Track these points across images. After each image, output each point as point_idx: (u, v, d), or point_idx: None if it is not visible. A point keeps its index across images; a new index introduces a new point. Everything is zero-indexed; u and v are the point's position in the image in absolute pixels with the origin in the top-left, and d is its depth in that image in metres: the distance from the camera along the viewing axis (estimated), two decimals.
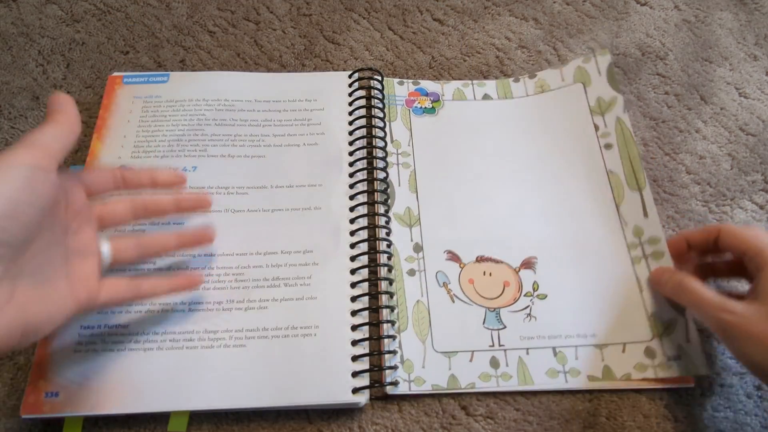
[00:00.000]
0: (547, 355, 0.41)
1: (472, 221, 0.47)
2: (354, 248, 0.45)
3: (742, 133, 0.53)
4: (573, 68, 0.54)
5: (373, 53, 0.57)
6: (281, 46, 0.58)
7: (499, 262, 0.45)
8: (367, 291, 0.43)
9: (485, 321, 0.43)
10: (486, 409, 0.40)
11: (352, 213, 0.46)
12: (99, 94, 0.54)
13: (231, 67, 0.56)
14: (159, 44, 0.57)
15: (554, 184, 0.49)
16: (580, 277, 0.44)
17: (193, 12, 0.60)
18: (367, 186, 0.47)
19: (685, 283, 0.38)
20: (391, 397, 0.41)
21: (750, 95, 0.55)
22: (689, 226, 0.48)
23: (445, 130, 0.52)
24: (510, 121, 0.52)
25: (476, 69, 0.57)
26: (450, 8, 0.61)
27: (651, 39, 0.59)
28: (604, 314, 0.43)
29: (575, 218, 0.47)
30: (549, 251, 0.46)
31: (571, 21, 0.60)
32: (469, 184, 0.49)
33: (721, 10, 0.61)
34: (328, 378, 0.39)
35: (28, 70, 0.55)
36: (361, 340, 0.41)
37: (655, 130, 0.53)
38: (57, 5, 0.59)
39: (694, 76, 0.57)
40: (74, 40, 0.57)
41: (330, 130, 0.50)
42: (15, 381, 0.41)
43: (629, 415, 0.40)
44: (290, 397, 0.39)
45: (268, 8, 0.60)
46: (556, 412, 0.40)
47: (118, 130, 0.49)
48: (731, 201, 0.50)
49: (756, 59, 0.58)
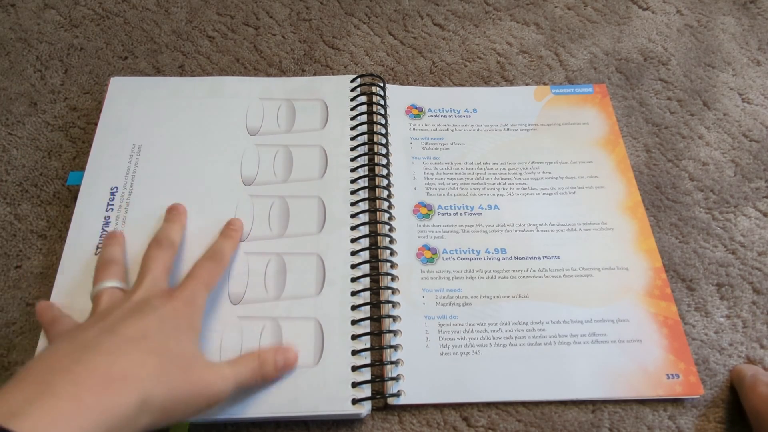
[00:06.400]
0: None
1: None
2: (355, 256, 0.44)
3: (746, 140, 0.53)
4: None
5: (373, 58, 0.57)
6: (281, 51, 0.57)
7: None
8: (368, 300, 0.43)
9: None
10: (488, 420, 0.40)
11: (353, 220, 0.46)
12: (97, 100, 0.53)
13: (230, 72, 0.55)
14: (158, 49, 0.57)
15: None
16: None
17: (192, 17, 0.59)
18: (368, 193, 0.47)
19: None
20: (391, 408, 0.40)
21: (753, 101, 0.55)
22: (692, 233, 0.48)
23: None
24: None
25: (477, 74, 0.56)
26: (451, 13, 0.61)
27: (653, 44, 0.59)
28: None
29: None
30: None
31: (573, 26, 0.60)
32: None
33: (724, 15, 0.61)
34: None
35: (26, 76, 0.55)
36: (362, 350, 0.40)
37: (658, 136, 0.53)
38: (55, 10, 0.59)
39: (697, 81, 0.56)
40: (72, 46, 0.57)
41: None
42: None
43: (633, 427, 0.40)
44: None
45: (268, 13, 0.60)
46: (559, 424, 0.40)
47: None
48: (735, 208, 0.49)
49: (759, 64, 0.57)
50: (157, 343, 0.30)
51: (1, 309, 0.43)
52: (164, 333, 0.31)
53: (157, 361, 0.29)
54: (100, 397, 0.26)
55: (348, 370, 0.40)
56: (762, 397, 0.38)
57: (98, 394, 0.26)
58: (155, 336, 0.31)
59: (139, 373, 0.28)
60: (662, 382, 0.40)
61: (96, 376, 0.26)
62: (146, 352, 0.29)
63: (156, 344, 0.30)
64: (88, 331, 0.30)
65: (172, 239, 0.41)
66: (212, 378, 0.33)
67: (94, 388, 0.26)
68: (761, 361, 0.42)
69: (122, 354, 0.28)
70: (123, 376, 0.27)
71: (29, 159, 0.50)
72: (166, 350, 0.30)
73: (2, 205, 0.47)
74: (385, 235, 0.46)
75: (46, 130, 0.51)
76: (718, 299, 0.45)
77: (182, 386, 0.30)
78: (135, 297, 0.34)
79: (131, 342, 0.29)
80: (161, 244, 0.40)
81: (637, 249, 0.46)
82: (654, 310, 0.43)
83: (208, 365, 0.33)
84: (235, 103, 0.52)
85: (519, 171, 0.50)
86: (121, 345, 0.29)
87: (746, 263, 0.46)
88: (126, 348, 0.29)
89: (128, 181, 0.47)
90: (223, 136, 0.50)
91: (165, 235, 0.41)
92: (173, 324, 0.33)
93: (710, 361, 0.42)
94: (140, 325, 0.31)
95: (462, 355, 0.41)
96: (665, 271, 0.45)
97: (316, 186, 0.47)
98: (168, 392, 0.29)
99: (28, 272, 0.44)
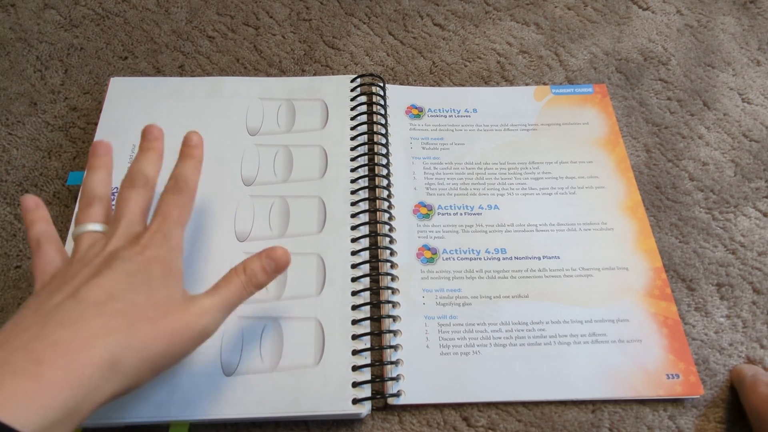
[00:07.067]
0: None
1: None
2: (355, 256, 0.44)
3: (746, 139, 0.53)
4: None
5: (373, 58, 0.57)
6: (281, 51, 0.57)
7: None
8: (368, 300, 0.43)
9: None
10: (488, 420, 0.40)
11: (353, 220, 0.46)
12: (97, 100, 0.53)
13: (230, 72, 0.55)
14: (158, 49, 0.57)
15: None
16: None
17: (192, 17, 0.59)
18: (368, 193, 0.47)
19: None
20: (391, 408, 0.40)
21: (753, 101, 0.55)
22: (692, 233, 0.48)
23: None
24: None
25: (477, 74, 0.56)
26: (451, 13, 0.61)
27: (653, 44, 0.59)
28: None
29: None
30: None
31: (573, 26, 0.60)
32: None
33: (724, 15, 0.61)
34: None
35: (26, 76, 0.55)
36: (362, 350, 0.40)
37: (658, 136, 0.53)
38: (55, 10, 0.59)
39: (697, 81, 0.56)
40: (72, 46, 0.57)
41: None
42: None
43: (633, 427, 0.40)
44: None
45: (268, 13, 0.60)
46: (559, 424, 0.40)
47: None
48: (735, 208, 0.49)
49: (759, 64, 0.57)
50: (125, 302, 0.29)
51: (1, 309, 0.43)
52: (133, 288, 0.30)
53: (123, 322, 0.28)
54: (62, 371, 0.25)
55: (348, 370, 0.40)
56: (762, 397, 0.38)
57: (61, 368, 0.25)
58: (122, 294, 0.30)
59: (104, 341, 0.27)
60: (662, 382, 0.40)
61: (57, 350, 0.26)
62: (111, 315, 0.28)
63: (123, 303, 0.29)
64: (53, 296, 0.29)
65: (145, 174, 0.36)
66: (190, 318, 0.31)
67: (55, 362, 0.25)
68: (761, 361, 0.42)
69: (85, 322, 0.28)
70: (85, 346, 0.27)
71: (29, 159, 0.50)
72: (134, 307, 0.29)
73: (2, 205, 0.47)
74: (385, 235, 0.46)
75: (46, 130, 0.51)
76: (718, 299, 0.45)
77: (155, 340, 0.29)
78: (108, 248, 0.33)
79: (95, 306, 0.29)
80: (134, 183, 0.36)
81: (637, 249, 0.46)
82: (654, 310, 0.43)
83: (183, 306, 0.31)
84: (235, 103, 0.52)
85: (519, 171, 0.50)
86: (84, 312, 0.28)
87: (746, 263, 0.46)
88: (89, 314, 0.28)
89: None
90: (223, 136, 0.50)
91: (137, 170, 0.36)
92: (144, 275, 0.31)
93: (710, 361, 0.42)
94: (107, 285, 0.30)
95: (462, 355, 0.41)
96: (665, 271, 0.45)
97: (316, 186, 0.47)
98: (140, 351, 0.28)
99: (28, 272, 0.44)
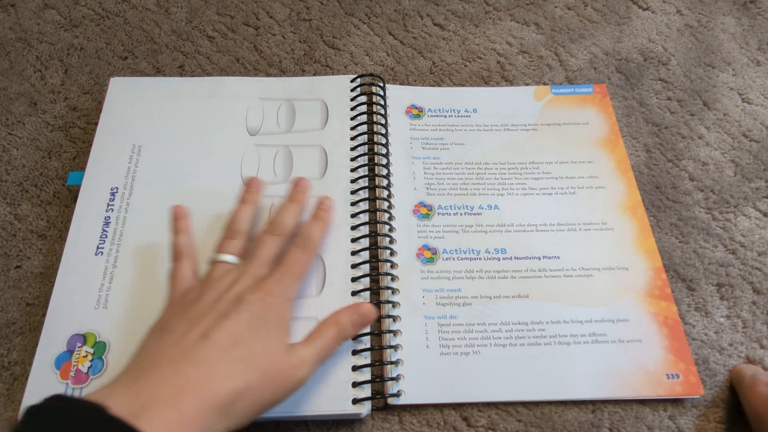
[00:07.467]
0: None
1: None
2: (355, 256, 0.44)
3: (746, 140, 0.53)
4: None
5: (373, 58, 0.57)
6: (281, 51, 0.57)
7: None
8: (368, 300, 0.43)
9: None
10: (488, 420, 0.40)
11: (353, 220, 0.46)
12: (97, 100, 0.53)
13: (230, 72, 0.55)
14: (158, 49, 0.57)
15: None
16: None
17: (192, 17, 0.59)
18: (368, 193, 0.47)
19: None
20: (391, 408, 0.40)
21: (753, 101, 0.55)
22: (692, 233, 0.48)
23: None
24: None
25: (477, 74, 0.56)
26: (451, 13, 0.61)
27: (653, 44, 0.59)
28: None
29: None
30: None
31: (573, 26, 0.60)
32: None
33: (724, 15, 0.61)
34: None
35: (26, 76, 0.55)
36: (362, 350, 0.40)
37: (658, 136, 0.53)
38: (55, 10, 0.59)
39: (697, 81, 0.56)
40: (72, 46, 0.57)
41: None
42: (11, 392, 0.40)
43: (633, 427, 0.40)
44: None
45: (268, 13, 0.60)
46: (559, 424, 0.40)
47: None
48: (735, 208, 0.49)
49: (759, 64, 0.57)
50: (245, 350, 0.33)
51: (1, 309, 0.43)
52: (253, 334, 0.34)
53: (242, 370, 0.32)
54: (194, 407, 0.29)
55: (348, 370, 0.40)
56: (762, 397, 0.38)
57: (194, 405, 0.29)
58: (244, 340, 0.33)
59: (226, 385, 0.31)
60: (662, 382, 0.40)
61: (192, 389, 0.30)
62: (234, 361, 0.32)
63: (244, 351, 0.33)
64: (190, 333, 0.33)
65: (286, 225, 0.41)
66: (292, 370, 0.34)
67: (191, 400, 0.29)
68: (761, 361, 0.42)
69: (213, 366, 0.31)
70: (212, 388, 0.30)
71: (29, 159, 0.50)
72: (252, 356, 0.33)
73: (2, 205, 0.47)
74: (385, 235, 0.46)
75: (46, 130, 0.51)
76: (718, 299, 0.45)
77: (264, 389, 0.33)
78: (236, 288, 0.36)
79: (223, 350, 0.32)
80: (275, 231, 0.40)
81: (637, 249, 0.46)
82: (654, 310, 0.43)
83: (288, 355, 0.34)
84: (235, 103, 0.52)
85: (519, 171, 0.50)
86: (213, 356, 0.32)
87: (746, 263, 0.46)
88: (217, 358, 0.32)
89: (128, 181, 0.47)
90: (223, 136, 0.50)
91: (282, 221, 0.41)
92: (263, 322, 0.35)
93: (710, 361, 0.42)
94: (232, 329, 0.33)
95: (462, 355, 0.41)
96: (665, 271, 0.45)
97: (316, 186, 0.47)
98: (250, 399, 0.32)
99: (28, 272, 0.44)
